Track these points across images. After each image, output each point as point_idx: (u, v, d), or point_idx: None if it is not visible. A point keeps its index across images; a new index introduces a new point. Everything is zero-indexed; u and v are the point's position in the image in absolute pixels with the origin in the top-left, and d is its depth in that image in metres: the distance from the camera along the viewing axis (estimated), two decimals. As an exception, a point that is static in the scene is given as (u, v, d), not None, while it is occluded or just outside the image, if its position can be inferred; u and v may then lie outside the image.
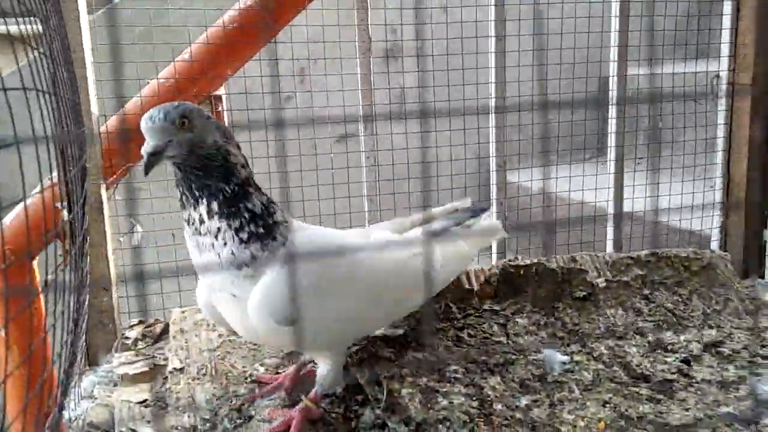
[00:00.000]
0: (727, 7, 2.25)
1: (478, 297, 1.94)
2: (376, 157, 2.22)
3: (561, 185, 2.55)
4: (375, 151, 2.24)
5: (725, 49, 2.26)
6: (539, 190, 2.84)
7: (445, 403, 1.48)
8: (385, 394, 1.51)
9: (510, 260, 1.99)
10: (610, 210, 2.35)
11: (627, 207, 2.42)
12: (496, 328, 1.81)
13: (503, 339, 1.77)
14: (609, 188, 2.34)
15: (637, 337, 1.82)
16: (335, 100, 2.29)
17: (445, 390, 1.52)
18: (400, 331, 1.75)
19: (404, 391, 1.50)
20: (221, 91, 2.01)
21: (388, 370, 1.57)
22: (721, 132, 2.32)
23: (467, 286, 1.95)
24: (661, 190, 2.43)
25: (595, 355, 1.72)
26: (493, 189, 2.35)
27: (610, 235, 2.39)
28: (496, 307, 1.91)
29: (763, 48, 2.11)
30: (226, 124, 2.02)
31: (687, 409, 1.49)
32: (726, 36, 2.25)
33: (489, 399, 1.52)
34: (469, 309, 1.90)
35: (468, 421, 1.43)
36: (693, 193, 2.40)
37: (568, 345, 1.78)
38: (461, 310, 1.90)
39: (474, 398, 1.51)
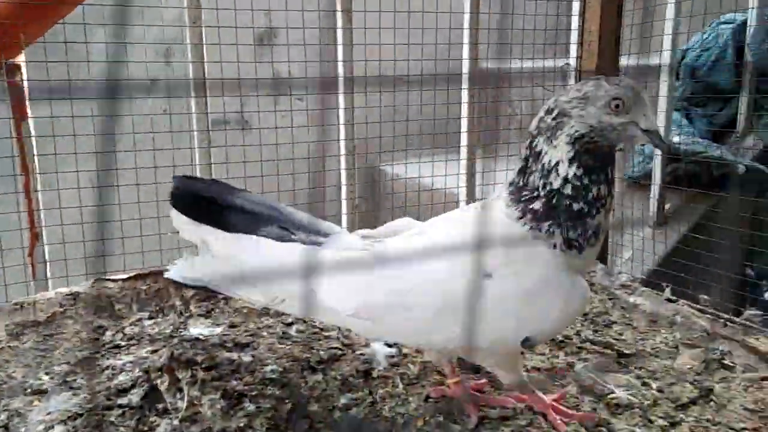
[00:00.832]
0: (576, 7, 2.25)
1: (313, 289, 1.81)
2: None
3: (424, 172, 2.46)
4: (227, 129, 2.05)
5: (575, 40, 2.26)
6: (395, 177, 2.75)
7: (251, 408, 1.33)
8: (185, 402, 1.35)
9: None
10: (462, 197, 2.29)
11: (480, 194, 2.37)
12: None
13: (334, 333, 1.64)
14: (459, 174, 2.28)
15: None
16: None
17: (254, 394, 1.37)
18: (217, 330, 1.59)
19: (205, 399, 1.34)
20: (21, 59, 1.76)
21: (194, 375, 1.40)
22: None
23: (302, 279, 1.81)
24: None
25: (430, 347, 1.63)
26: (343, 174, 2.22)
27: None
28: (331, 300, 1.78)
29: (605, 39, 2.12)
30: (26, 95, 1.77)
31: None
32: (575, 31, 2.25)
33: (304, 400, 1.38)
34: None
35: (273, 426, 1.28)
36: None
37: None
38: (293, 304, 1.76)
39: (287, 401, 1.37)
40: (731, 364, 1.60)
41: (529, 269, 1.12)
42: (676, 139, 2.46)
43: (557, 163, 1.10)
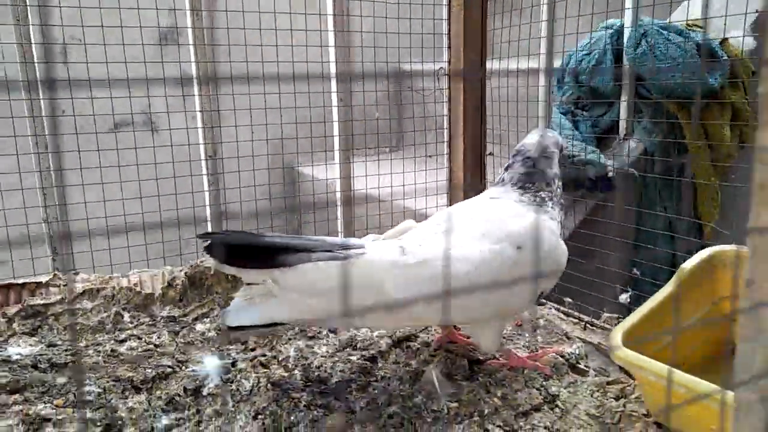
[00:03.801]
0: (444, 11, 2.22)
1: (160, 303, 1.69)
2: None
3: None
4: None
5: (446, 44, 2.23)
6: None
7: (52, 433, 1.21)
8: (-19, 429, 1.21)
9: (201, 260, 1.76)
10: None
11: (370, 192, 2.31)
12: (165, 337, 1.57)
13: (170, 349, 1.53)
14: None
15: (331, 336, 1.67)
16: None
17: (61, 417, 1.25)
18: (36, 350, 1.45)
19: (2, 423, 1.21)
20: None
21: (-7, 398, 1.27)
22: (446, 119, 2.28)
23: (147, 291, 1.69)
24: (407, 177, 2.35)
25: (280, 359, 1.54)
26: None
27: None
28: (177, 313, 1.67)
29: (470, 43, 2.10)
30: None
31: (353, 412, 1.35)
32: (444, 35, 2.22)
33: (119, 423, 1.27)
34: (144, 317, 1.65)
35: (72, 454, 1.17)
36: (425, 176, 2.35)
37: (252, 350, 1.58)
38: (134, 318, 1.64)
39: (99, 423, 1.25)
40: (584, 368, 1.57)
41: (546, 236, 1.42)
42: (556, 142, 2.46)
43: (555, 177, 1.54)
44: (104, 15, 2.01)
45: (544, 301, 1.92)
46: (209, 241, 1.28)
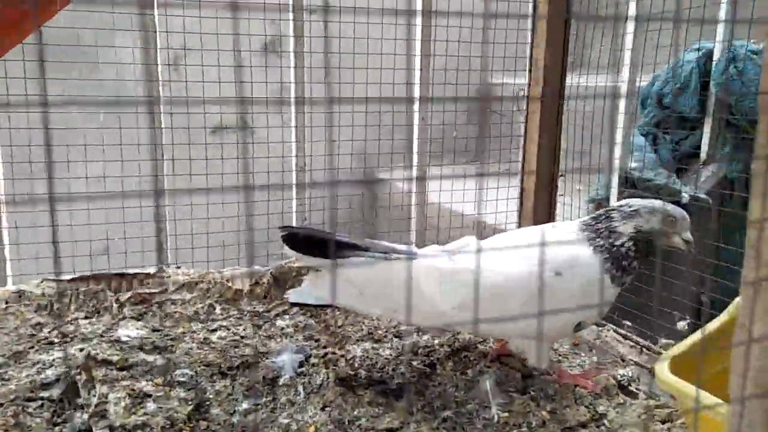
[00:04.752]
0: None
1: (247, 298, 1.90)
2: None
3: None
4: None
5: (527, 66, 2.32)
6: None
7: (153, 407, 1.42)
8: (96, 399, 1.45)
9: (284, 262, 1.96)
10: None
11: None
12: (249, 329, 1.77)
13: (253, 341, 1.73)
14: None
15: (395, 340, 1.82)
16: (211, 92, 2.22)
17: (160, 394, 1.46)
18: (142, 333, 1.69)
19: (112, 396, 1.44)
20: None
21: (107, 374, 1.50)
22: (522, 139, 2.37)
23: (237, 287, 1.91)
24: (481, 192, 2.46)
25: (348, 358, 1.71)
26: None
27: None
28: (261, 309, 1.87)
29: (551, 64, 2.17)
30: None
31: (411, 413, 1.49)
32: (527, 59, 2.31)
33: (207, 403, 1.47)
34: (233, 310, 1.86)
35: (169, 426, 1.37)
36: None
37: (324, 347, 1.75)
38: (225, 311, 1.85)
39: (190, 402, 1.46)
40: (635, 391, 1.64)
41: (587, 271, 1.49)
42: (633, 165, 2.49)
43: (621, 235, 1.52)
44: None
45: (603, 322, 1.98)
46: (287, 232, 1.51)
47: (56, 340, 1.69)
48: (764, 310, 0.65)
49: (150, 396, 1.45)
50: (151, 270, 1.92)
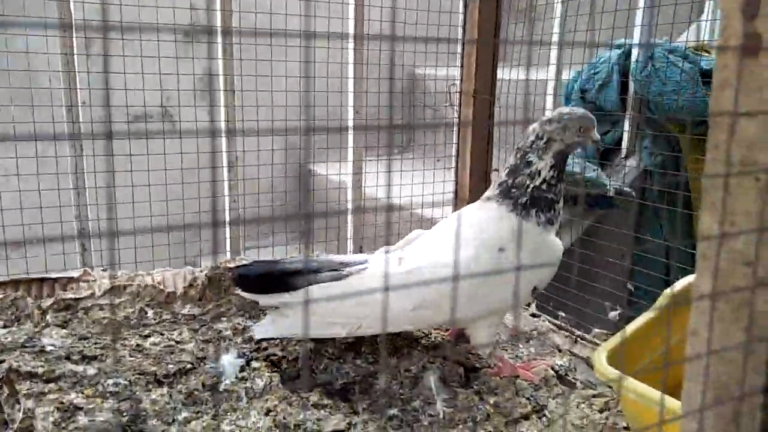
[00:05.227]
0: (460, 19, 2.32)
1: (181, 301, 1.82)
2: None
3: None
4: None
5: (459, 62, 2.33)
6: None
7: (84, 421, 1.33)
8: (21, 413, 1.35)
9: (219, 262, 1.89)
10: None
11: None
12: (186, 334, 1.70)
13: (190, 346, 1.66)
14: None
15: (338, 339, 1.79)
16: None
17: (91, 407, 1.38)
18: (68, 342, 1.58)
19: (39, 410, 1.34)
20: None
21: (31, 387, 1.40)
22: (455, 135, 2.39)
23: (170, 289, 1.82)
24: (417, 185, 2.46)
25: (290, 359, 1.67)
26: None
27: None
28: (197, 312, 1.80)
29: (482, 63, 2.20)
30: None
31: (356, 413, 1.48)
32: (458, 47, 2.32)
33: (144, 414, 1.40)
34: (166, 314, 1.78)
35: (103, 440, 1.30)
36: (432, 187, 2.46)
37: (265, 349, 1.70)
38: (157, 315, 1.77)
39: (125, 414, 1.38)
40: (573, 381, 1.69)
41: (529, 238, 1.55)
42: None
43: (541, 170, 1.54)
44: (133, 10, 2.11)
45: (539, 313, 2.03)
46: (237, 274, 1.57)
47: (-30, 353, 1.56)
48: (721, 320, 0.68)
49: (81, 408, 1.36)
50: (75, 273, 1.80)
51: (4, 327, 1.66)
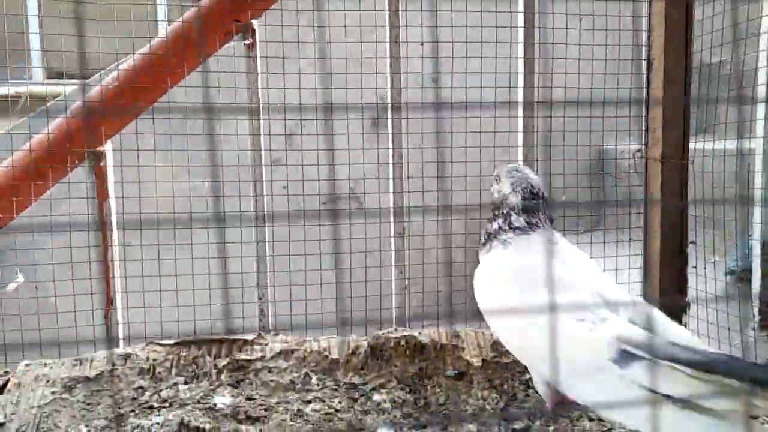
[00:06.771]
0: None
1: (343, 369, 1.82)
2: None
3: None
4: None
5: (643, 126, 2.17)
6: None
7: (239, 481, 1.35)
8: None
9: (381, 332, 1.87)
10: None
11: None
12: (345, 402, 1.68)
13: (348, 416, 1.63)
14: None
15: (503, 423, 1.65)
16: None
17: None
18: (229, 401, 1.64)
19: (201, 466, 1.38)
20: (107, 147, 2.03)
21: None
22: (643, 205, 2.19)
23: (333, 356, 1.84)
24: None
25: (449, 440, 1.57)
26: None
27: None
28: (358, 380, 1.78)
29: (670, 124, 2.02)
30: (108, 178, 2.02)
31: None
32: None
33: (296, 480, 1.38)
34: (329, 380, 1.78)
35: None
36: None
37: (424, 427, 1.63)
38: (321, 381, 1.78)
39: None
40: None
41: None
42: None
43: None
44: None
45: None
46: None
47: (155, 405, 1.68)
48: None
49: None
50: (250, 336, 1.90)
51: (185, 383, 1.78)
